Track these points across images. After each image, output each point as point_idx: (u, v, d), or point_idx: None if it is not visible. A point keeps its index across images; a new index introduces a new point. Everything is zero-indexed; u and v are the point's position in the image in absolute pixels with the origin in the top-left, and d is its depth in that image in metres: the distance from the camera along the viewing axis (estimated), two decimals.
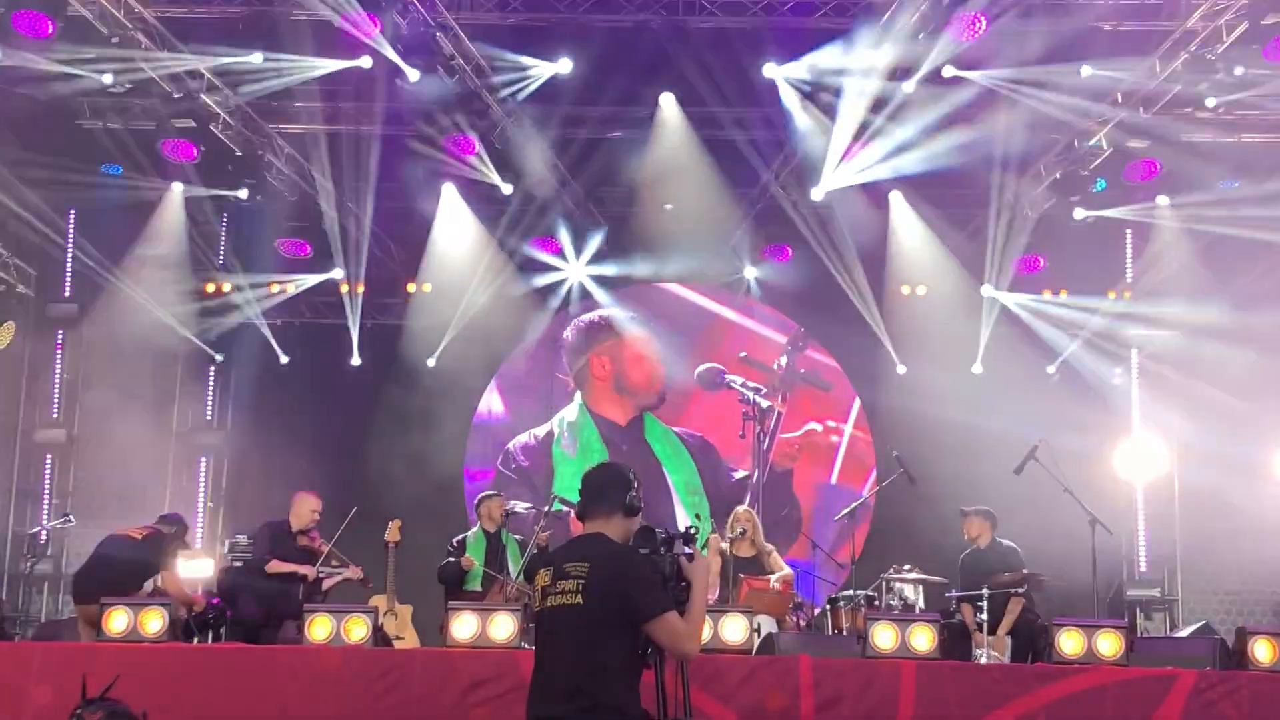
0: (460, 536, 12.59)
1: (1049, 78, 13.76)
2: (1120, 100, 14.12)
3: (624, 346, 17.67)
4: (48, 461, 17.24)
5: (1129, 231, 16.69)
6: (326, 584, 12.30)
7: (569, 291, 17.62)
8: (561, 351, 17.79)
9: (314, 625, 9.53)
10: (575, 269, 17.39)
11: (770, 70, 14.40)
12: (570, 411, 17.63)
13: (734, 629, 9.46)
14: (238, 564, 13.16)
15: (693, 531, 6.23)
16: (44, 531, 16.21)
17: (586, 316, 17.73)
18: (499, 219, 16.84)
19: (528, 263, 17.25)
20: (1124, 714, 8.84)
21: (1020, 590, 11.38)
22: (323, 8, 13.08)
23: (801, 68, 14.29)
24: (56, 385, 17.34)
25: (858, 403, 17.50)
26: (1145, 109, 14.09)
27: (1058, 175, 15.68)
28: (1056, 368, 16.79)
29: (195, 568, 13.84)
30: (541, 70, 14.40)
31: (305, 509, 12.16)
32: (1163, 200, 15.70)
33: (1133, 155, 15.00)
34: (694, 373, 17.42)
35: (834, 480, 17.33)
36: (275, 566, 11.91)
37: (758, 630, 10.11)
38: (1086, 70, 13.60)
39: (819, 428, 17.42)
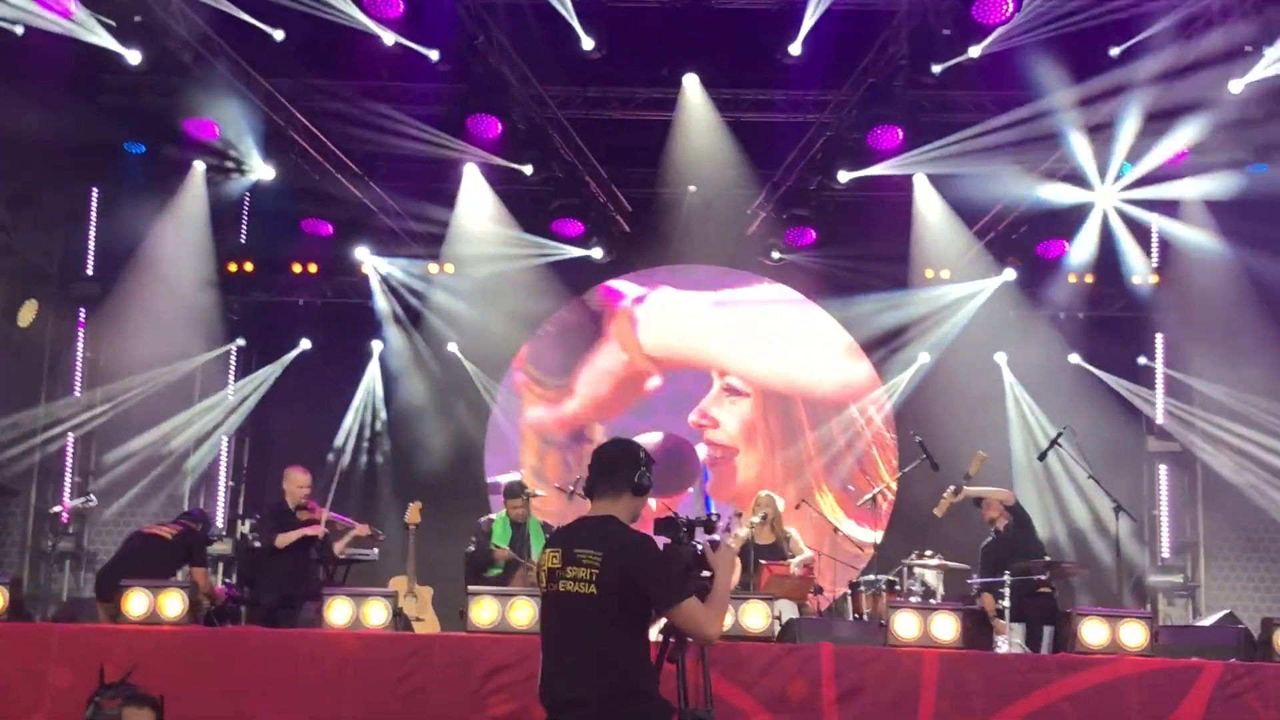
0: (486, 518, 12.52)
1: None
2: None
3: None
4: (70, 440, 17.26)
5: (1156, 217, 16.33)
6: (339, 547, 12.38)
7: (589, 273, 17.54)
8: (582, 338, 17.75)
9: (332, 609, 9.41)
10: (597, 251, 17.11)
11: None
12: None
13: (755, 616, 9.36)
14: (257, 544, 13.13)
15: (714, 519, 6.19)
16: (65, 511, 16.25)
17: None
18: (521, 200, 16.72)
19: (549, 245, 17.00)
20: (1148, 705, 8.74)
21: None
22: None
23: None
24: (79, 364, 17.33)
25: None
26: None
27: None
28: (1079, 354, 16.61)
29: (215, 549, 13.90)
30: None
31: (294, 485, 12.16)
32: (1186, 184, 15.44)
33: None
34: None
35: None
36: (284, 539, 11.76)
37: (779, 617, 10.05)
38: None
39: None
